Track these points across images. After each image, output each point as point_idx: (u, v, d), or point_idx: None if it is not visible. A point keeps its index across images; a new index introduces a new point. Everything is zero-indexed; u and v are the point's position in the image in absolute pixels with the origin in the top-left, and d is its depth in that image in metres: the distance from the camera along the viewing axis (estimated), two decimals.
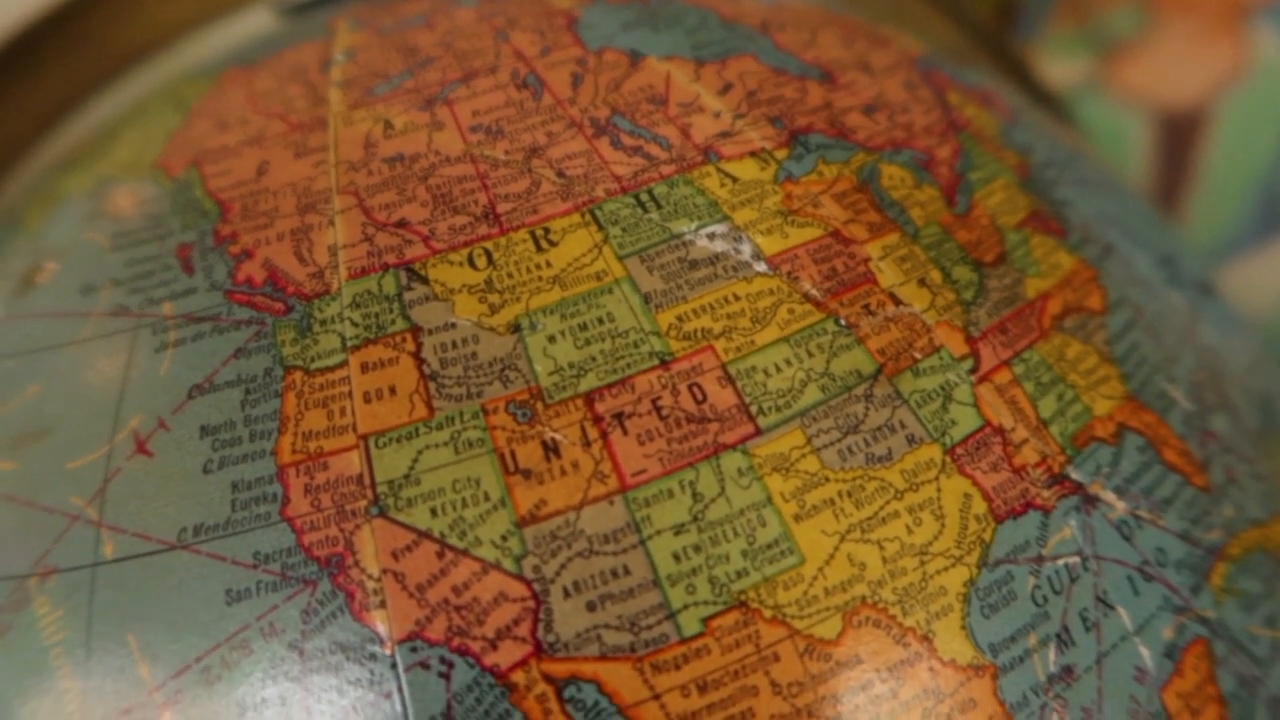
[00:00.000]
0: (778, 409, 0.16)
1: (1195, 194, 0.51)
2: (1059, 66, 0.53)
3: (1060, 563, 0.17)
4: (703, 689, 0.15)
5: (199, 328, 0.18)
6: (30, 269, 0.21)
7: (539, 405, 0.16)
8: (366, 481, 0.16)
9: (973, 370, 0.18)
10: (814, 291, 0.18)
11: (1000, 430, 0.17)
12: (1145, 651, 0.17)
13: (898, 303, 0.18)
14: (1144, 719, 0.17)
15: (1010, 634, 0.16)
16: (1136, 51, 0.52)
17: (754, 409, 0.16)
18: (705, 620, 0.15)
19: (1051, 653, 0.16)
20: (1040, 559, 0.17)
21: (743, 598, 0.15)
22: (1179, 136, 0.52)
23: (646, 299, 0.17)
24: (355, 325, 0.17)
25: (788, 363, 0.17)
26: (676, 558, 0.15)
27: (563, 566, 0.15)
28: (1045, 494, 0.17)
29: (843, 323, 0.17)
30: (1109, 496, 0.18)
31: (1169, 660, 0.17)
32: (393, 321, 0.17)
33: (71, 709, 0.16)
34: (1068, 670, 0.16)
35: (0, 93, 0.27)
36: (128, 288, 0.19)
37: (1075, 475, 0.18)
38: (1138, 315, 0.20)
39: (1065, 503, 0.17)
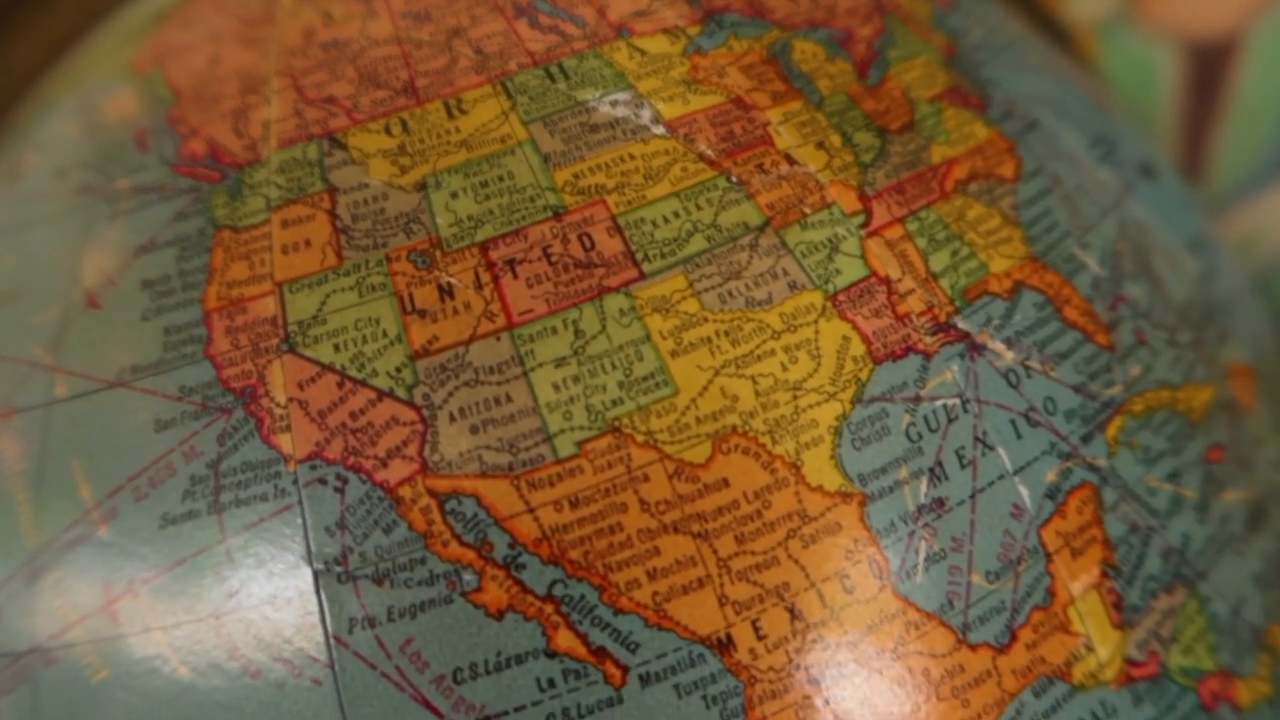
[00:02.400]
0: (662, 256, 0.17)
1: (1225, 125, 0.50)
2: (1086, 1, 0.52)
3: (938, 403, 0.17)
4: (574, 504, 0.16)
5: (146, 197, 0.19)
6: (16, 161, 0.23)
7: (438, 253, 0.17)
8: (279, 322, 0.17)
9: (863, 225, 0.18)
10: (709, 152, 0.18)
11: (886, 280, 0.18)
12: (1024, 490, 0.17)
13: (792, 163, 0.19)
14: (1019, 552, 0.17)
15: (881, 465, 0.17)
16: None
17: (639, 256, 0.17)
18: (580, 443, 0.16)
19: (923, 485, 0.17)
20: (917, 399, 0.17)
21: (617, 424, 0.16)
22: (1209, 67, 0.50)
23: (546, 159, 0.18)
24: (279, 188, 0.18)
25: (675, 215, 0.18)
26: (556, 387, 0.16)
27: (450, 394, 0.16)
28: (928, 340, 0.18)
29: (734, 180, 0.18)
30: (997, 346, 0.18)
31: (1050, 501, 0.18)
32: (313, 183, 0.18)
33: (27, 527, 0.18)
34: (939, 502, 0.17)
35: (14, 23, 0.30)
36: (92, 168, 0.21)
37: (962, 324, 0.18)
38: (1054, 185, 0.21)
39: (949, 349, 0.18)
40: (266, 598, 0.16)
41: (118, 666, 0.17)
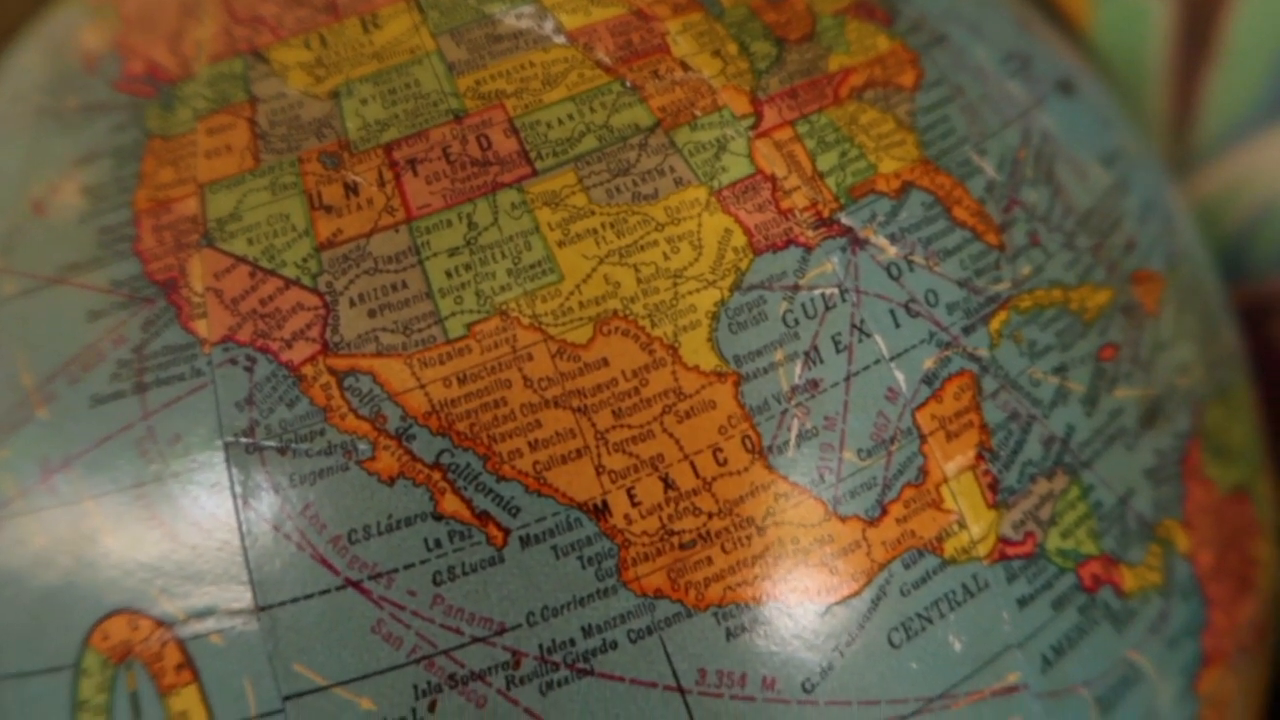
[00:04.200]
0: (554, 154, 0.18)
1: (1216, 72, 0.50)
2: None
3: (817, 292, 0.18)
4: (462, 381, 0.17)
5: (90, 114, 0.21)
6: None
7: (346, 154, 0.19)
8: (200, 220, 0.19)
9: (753, 127, 0.19)
10: (606, 59, 0.19)
11: (771, 178, 0.19)
12: (900, 375, 0.18)
13: (686, 69, 0.19)
14: (892, 432, 0.18)
15: (756, 348, 0.18)
16: None
17: (533, 154, 0.18)
18: (469, 325, 0.17)
19: (798, 367, 0.18)
20: (796, 287, 0.18)
21: (504, 308, 0.17)
22: (1201, 14, 0.50)
23: (451, 67, 0.19)
24: (206, 99, 0.20)
25: (570, 117, 0.19)
26: (449, 274, 0.18)
27: (351, 282, 0.18)
28: (810, 233, 0.19)
29: (628, 84, 0.19)
30: (880, 241, 0.19)
31: (926, 386, 0.18)
32: (236, 94, 0.20)
33: None
34: (813, 383, 0.18)
35: None
36: (46, 91, 0.22)
37: (846, 220, 0.19)
38: (956, 94, 0.21)
39: (831, 242, 0.19)
40: (182, 468, 0.17)
41: (54, 534, 0.18)
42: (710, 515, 0.17)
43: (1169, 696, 0.21)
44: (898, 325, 0.19)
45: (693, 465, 0.17)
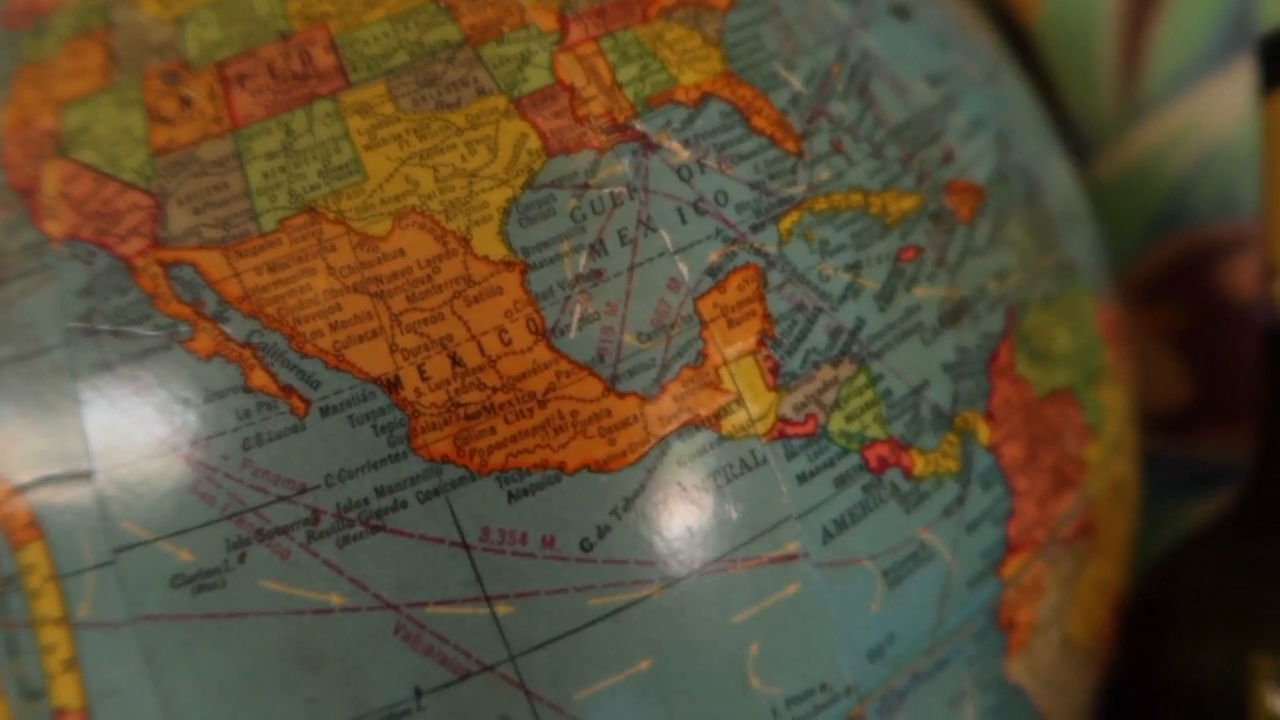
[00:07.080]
0: (368, 68, 0.20)
1: (1164, 19, 0.50)
2: None
3: (605, 191, 0.20)
4: (272, 269, 0.19)
5: None
6: None
7: (184, 72, 0.20)
8: (56, 133, 0.21)
9: (557, 42, 0.21)
10: None
11: (570, 88, 0.20)
12: (684, 267, 0.20)
13: None
14: (672, 318, 0.20)
15: (544, 240, 0.19)
16: None
17: (349, 69, 0.20)
18: (280, 220, 0.19)
19: (583, 258, 0.19)
20: (586, 186, 0.20)
21: (313, 205, 0.19)
22: None
23: None
24: (71, 28, 0.22)
25: (386, 35, 0.20)
26: (265, 176, 0.19)
27: (180, 184, 0.20)
28: (603, 138, 0.20)
29: (442, 5, 0.21)
30: (673, 145, 0.20)
31: (710, 278, 0.20)
32: (96, 23, 0.22)
33: None
34: (597, 273, 0.19)
35: None
36: None
37: (640, 126, 0.20)
38: (770, 15, 0.23)
39: (623, 147, 0.20)
40: (32, 351, 0.19)
41: None
42: (494, 390, 0.19)
43: (966, 576, 0.22)
44: (684, 222, 0.20)
45: (479, 344, 0.19)
